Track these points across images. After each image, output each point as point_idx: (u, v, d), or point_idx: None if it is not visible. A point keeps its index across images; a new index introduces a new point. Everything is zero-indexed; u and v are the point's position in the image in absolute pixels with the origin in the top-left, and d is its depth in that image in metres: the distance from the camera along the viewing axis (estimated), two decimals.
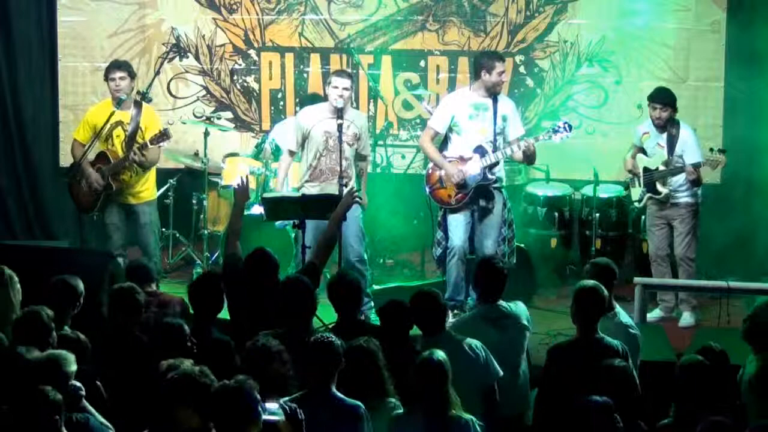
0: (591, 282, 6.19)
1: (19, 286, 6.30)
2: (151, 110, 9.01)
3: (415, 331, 6.30)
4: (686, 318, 8.82)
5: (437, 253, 8.65)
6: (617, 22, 9.83)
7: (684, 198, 8.69)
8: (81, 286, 6.32)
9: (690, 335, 8.16)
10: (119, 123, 8.80)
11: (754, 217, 9.32)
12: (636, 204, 8.98)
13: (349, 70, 9.56)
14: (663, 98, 8.67)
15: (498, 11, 10.03)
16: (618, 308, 6.56)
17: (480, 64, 8.43)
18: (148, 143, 8.66)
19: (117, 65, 8.91)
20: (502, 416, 6.08)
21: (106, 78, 8.88)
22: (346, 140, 8.49)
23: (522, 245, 8.88)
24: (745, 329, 6.12)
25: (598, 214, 9.39)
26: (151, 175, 9.00)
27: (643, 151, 8.85)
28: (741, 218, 9.37)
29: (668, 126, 8.67)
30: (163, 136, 8.66)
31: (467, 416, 5.26)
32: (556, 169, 9.79)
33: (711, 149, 8.64)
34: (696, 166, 8.47)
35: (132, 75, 8.89)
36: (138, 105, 8.88)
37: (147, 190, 8.96)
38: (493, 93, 8.41)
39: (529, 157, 8.41)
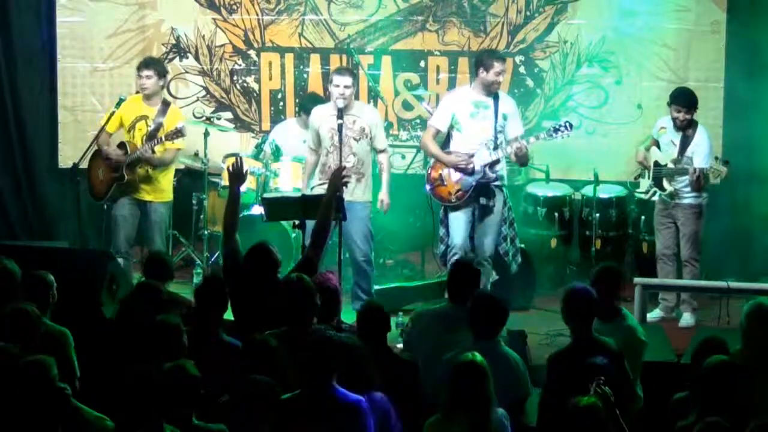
0: (579, 284, 6.21)
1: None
2: (176, 112, 9.06)
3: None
4: (686, 319, 8.83)
5: (440, 251, 8.67)
6: (617, 22, 9.82)
7: (688, 199, 8.69)
8: (50, 277, 6.29)
9: (690, 335, 8.15)
10: (144, 117, 8.90)
11: (754, 217, 9.31)
12: (642, 195, 8.99)
13: (352, 69, 9.55)
14: (686, 102, 8.64)
15: (498, 11, 10.02)
16: (624, 311, 6.57)
17: (479, 62, 8.47)
18: (163, 138, 8.71)
19: (146, 63, 9.04)
20: None
21: (137, 74, 9.01)
22: (352, 135, 8.53)
23: (522, 245, 8.88)
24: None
25: (598, 214, 9.38)
26: (169, 175, 9.03)
27: (658, 144, 8.86)
28: (740, 218, 9.38)
29: (686, 126, 8.66)
30: (177, 132, 8.73)
31: (500, 411, 5.29)
32: (556, 169, 9.79)
33: (716, 158, 8.63)
34: (700, 171, 8.47)
35: (160, 74, 8.97)
36: (166, 104, 8.96)
37: (164, 190, 8.99)
38: (490, 92, 8.42)
39: (521, 158, 8.42)
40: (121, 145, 8.89)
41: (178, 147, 8.98)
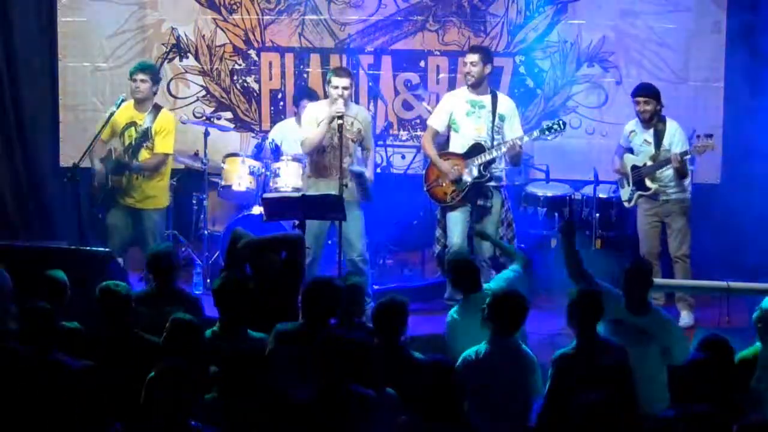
0: (585, 286, 6.24)
1: None
2: (167, 116, 9.02)
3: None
4: (684, 318, 8.83)
5: (437, 251, 8.68)
6: (617, 22, 9.84)
7: (675, 194, 8.71)
8: (65, 277, 6.38)
9: (690, 335, 8.15)
10: (133, 123, 8.84)
11: (754, 217, 9.32)
12: (626, 204, 8.99)
13: (349, 68, 9.54)
14: (644, 91, 8.70)
15: (498, 11, 10.03)
16: (654, 306, 6.61)
17: None
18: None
19: (141, 68, 8.97)
20: None
21: (130, 77, 8.95)
22: (350, 137, 8.51)
23: (522, 245, 8.88)
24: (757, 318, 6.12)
25: (598, 214, 9.38)
26: (162, 182, 9.01)
27: (631, 150, 8.87)
28: (741, 218, 9.38)
29: (654, 121, 8.68)
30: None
31: None
32: (556, 169, 9.79)
33: (698, 136, 8.64)
34: (682, 155, 8.48)
35: (154, 79, 8.94)
36: (157, 109, 8.91)
37: (155, 197, 8.96)
38: (473, 87, 8.42)
39: (513, 158, 8.43)
40: (109, 153, 8.87)
41: (165, 152, 8.92)
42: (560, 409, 5.70)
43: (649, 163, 8.70)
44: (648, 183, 8.72)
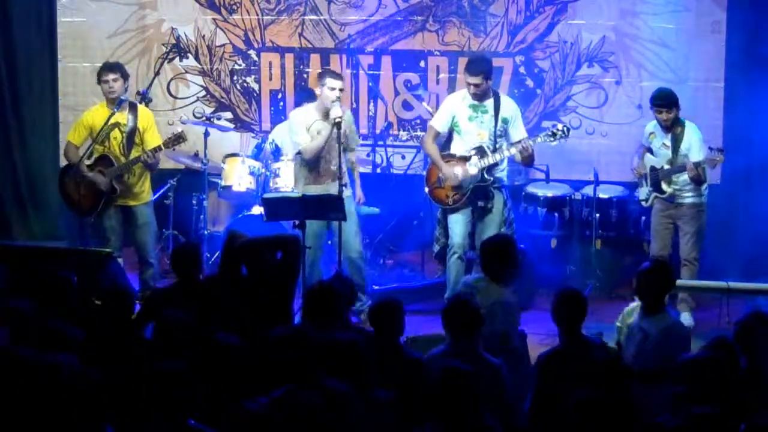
0: (569, 286, 6.25)
1: None
2: (146, 111, 8.99)
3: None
4: (685, 318, 8.82)
5: (436, 249, 8.69)
6: (617, 22, 9.84)
7: (689, 198, 8.70)
8: (71, 278, 6.36)
9: (689, 335, 8.14)
10: (116, 125, 8.78)
11: (754, 216, 9.32)
12: (643, 203, 8.99)
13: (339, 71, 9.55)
14: (666, 100, 8.67)
15: (498, 11, 10.03)
16: (668, 308, 6.59)
17: None
18: (163, 146, 8.66)
19: (109, 67, 8.90)
20: None
21: (99, 80, 8.87)
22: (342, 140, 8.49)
23: (522, 246, 8.88)
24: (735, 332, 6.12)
25: (598, 215, 9.39)
26: (147, 177, 9.00)
27: (651, 151, 8.88)
28: (740, 218, 9.38)
29: (673, 126, 8.68)
30: (179, 138, 8.66)
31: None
32: (556, 170, 9.78)
33: (710, 148, 8.66)
34: (697, 165, 8.49)
35: (125, 76, 8.85)
36: (134, 106, 8.86)
37: (144, 191, 8.95)
38: (477, 96, 8.42)
39: (526, 159, 8.43)
40: (103, 158, 8.78)
41: (159, 145, 8.82)
42: (546, 410, 5.71)
43: (667, 166, 8.70)
44: (664, 186, 8.72)
